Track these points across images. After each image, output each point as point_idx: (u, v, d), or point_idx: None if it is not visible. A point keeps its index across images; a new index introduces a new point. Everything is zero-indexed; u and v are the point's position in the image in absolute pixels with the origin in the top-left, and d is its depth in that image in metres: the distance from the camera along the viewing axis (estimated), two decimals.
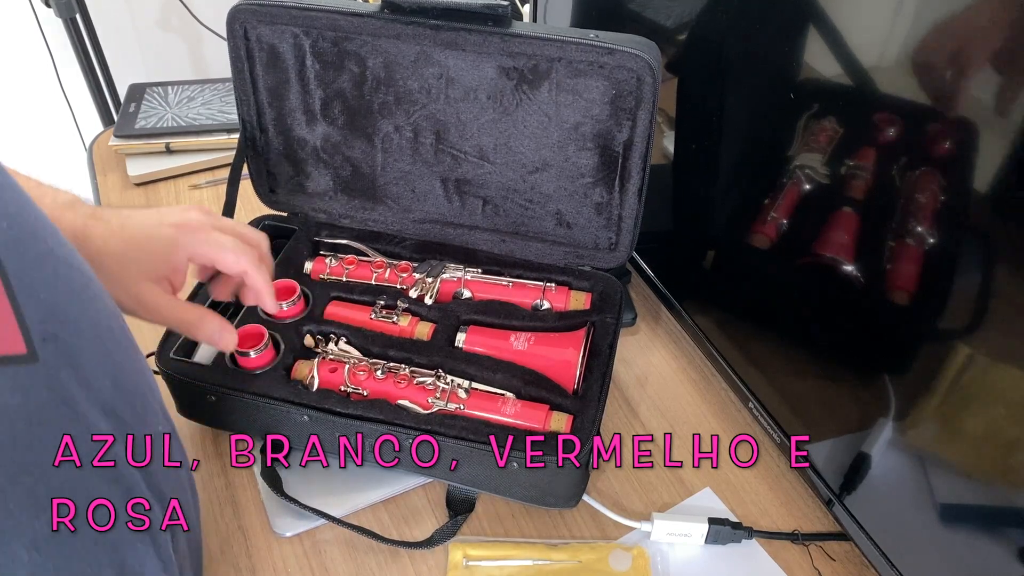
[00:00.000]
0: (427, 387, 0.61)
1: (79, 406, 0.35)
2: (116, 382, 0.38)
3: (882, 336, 0.54)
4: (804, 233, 0.58)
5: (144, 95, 1.05)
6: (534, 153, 0.68)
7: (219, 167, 0.99)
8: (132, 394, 0.40)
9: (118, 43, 1.66)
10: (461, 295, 0.70)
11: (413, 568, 0.60)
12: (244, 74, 0.69)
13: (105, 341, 0.38)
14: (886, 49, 0.48)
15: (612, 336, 0.66)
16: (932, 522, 0.52)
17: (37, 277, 0.33)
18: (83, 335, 0.36)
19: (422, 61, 0.65)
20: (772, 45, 0.57)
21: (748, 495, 0.66)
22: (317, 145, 0.73)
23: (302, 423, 0.60)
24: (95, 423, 0.36)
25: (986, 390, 0.46)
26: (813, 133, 0.55)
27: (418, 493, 0.65)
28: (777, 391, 0.65)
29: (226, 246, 0.57)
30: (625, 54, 0.60)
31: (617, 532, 0.62)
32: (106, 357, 0.38)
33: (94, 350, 0.37)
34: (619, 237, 0.70)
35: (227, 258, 0.58)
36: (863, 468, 0.57)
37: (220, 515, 0.63)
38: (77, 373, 0.35)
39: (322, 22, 0.65)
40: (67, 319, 0.35)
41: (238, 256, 0.58)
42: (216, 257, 0.58)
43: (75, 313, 0.36)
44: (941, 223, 0.47)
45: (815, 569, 0.61)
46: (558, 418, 0.60)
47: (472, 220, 0.74)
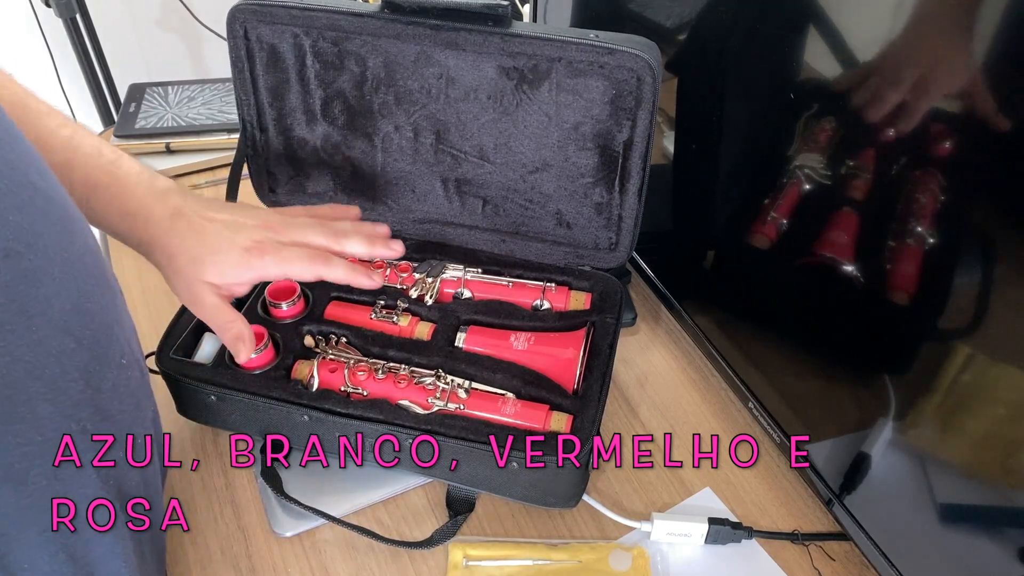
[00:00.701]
0: (427, 387, 0.61)
1: (33, 320, 0.36)
2: (78, 307, 0.40)
3: (882, 336, 0.54)
4: (804, 233, 0.58)
5: (144, 95, 1.05)
6: (534, 153, 0.68)
7: (219, 167, 0.99)
8: (94, 320, 0.41)
9: (118, 43, 1.66)
10: (461, 295, 0.70)
11: (413, 568, 0.60)
12: (244, 74, 0.69)
13: (74, 270, 0.40)
14: (886, 49, 0.48)
15: (612, 336, 0.66)
16: (932, 522, 0.52)
17: (9, 202, 0.35)
18: (51, 259, 0.38)
19: (422, 61, 0.65)
20: (772, 45, 0.57)
21: (748, 495, 0.66)
22: (317, 145, 0.73)
23: (302, 423, 0.60)
24: (49, 338, 0.37)
25: (986, 390, 0.46)
26: (813, 133, 0.55)
27: (418, 493, 0.65)
28: (777, 391, 0.65)
29: (294, 262, 0.60)
30: (625, 54, 0.60)
31: (617, 532, 0.62)
32: (71, 283, 0.39)
33: (58, 274, 0.38)
34: (619, 237, 0.70)
35: (297, 272, 0.60)
36: (863, 468, 0.57)
37: (220, 515, 0.63)
38: (36, 290, 0.36)
39: (322, 22, 0.65)
40: (33, 242, 0.37)
41: (306, 267, 0.60)
42: (286, 274, 0.61)
43: (46, 239, 0.38)
44: (941, 223, 0.47)
45: (815, 569, 0.61)
46: (558, 418, 0.60)
47: (472, 220, 0.74)
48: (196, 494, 0.64)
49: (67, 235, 0.40)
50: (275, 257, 0.59)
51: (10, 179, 0.36)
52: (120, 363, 0.44)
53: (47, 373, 0.37)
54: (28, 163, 0.38)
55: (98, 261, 0.43)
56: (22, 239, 0.36)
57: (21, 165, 0.37)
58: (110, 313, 0.44)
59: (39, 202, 0.38)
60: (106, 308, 0.43)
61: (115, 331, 0.44)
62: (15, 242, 0.35)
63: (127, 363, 0.45)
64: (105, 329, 0.43)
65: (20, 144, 0.38)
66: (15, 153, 0.37)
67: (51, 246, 0.38)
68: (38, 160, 0.40)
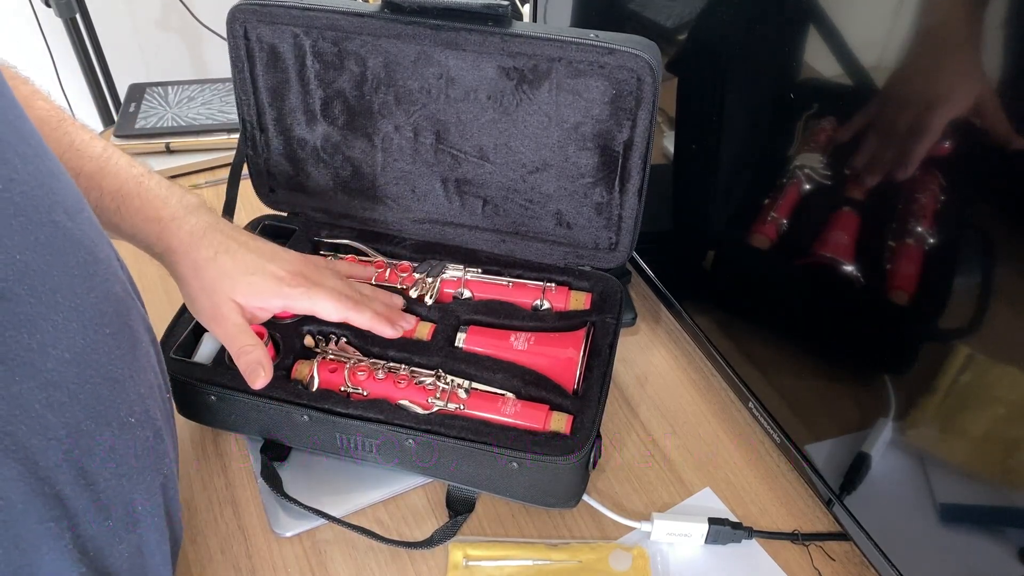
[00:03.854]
0: (427, 387, 0.61)
1: (16, 369, 0.34)
2: (80, 358, 0.37)
3: (882, 336, 0.54)
4: (804, 233, 0.58)
5: (144, 95, 1.05)
6: (534, 153, 0.68)
7: (219, 167, 0.99)
8: (98, 373, 0.39)
9: (118, 43, 1.66)
10: (461, 295, 0.70)
11: (413, 568, 0.60)
12: (244, 74, 0.69)
13: (84, 318, 0.38)
14: (886, 49, 0.48)
15: (612, 336, 0.66)
16: (932, 522, 0.52)
17: (21, 240, 0.34)
18: (54, 305, 0.36)
19: (422, 61, 0.65)
20: (772, 45, 0.57)
21: (748, 495, 0.66)
22: (317, 145, 0.73)
23: (302, 423, 0.60)
24: (32, 390, 0.35)
25: (986, 390, 0.46)
26: (813, 133, 0.55)
27: (418, 493, 0.65)
28: (777, 391, 0.65)
29: (324, 299, 0.61)
30: (625, 54, 0.60)
31: (617, 532, 0.62)
32: (75, 332, 0.37)
33: (61, 321, 0.36)
34: (619, 237, 0.70)
35: (324, 310, 0.61)
36: (863, 468, 0.57)
37: (220, 515, 0.63)
38: (29, 337, 0.34)
39: (322, 22, 0.65)
40: (38, 285, 0.35)
41: (335, 306, 0.61)
42: (313, 309, 0.61)
43: (55, 283, 0.36)
44: (941, 223, 0.47)
45: (815, 569, 0.61)
46: (558, 418, 0.60)
47: (472, 220, 0.74)
48: (196, 494, 0.64)
49: (85, 279, 0.38)
50: (307, 290, 0.60)
51: (29, 217, 0.35)
52: (126, 422, 0.41)
53: (21, 430, 0.34)
54: (55, 202, 0.37)
55: (120, 309, 0.42)
56: (25, 281, 0.34)
57: (45, 205, 0.36)
58: (123, 366, 0.41)
59: (58, 243, 0.37)
60: (118, 361, 0.41)
61: (126, 386, 0.41)
62: (16, 283, 0.34)
63: (136, 422, 0.42)
64: (112, 384, 0.40)
65: (54, 182, 0.37)
66: (44, 190, 0.36)
67: (60, 290, 0.36)
68: (71, 200, 0.38)
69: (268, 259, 0.60)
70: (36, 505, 0.36)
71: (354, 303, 0.62)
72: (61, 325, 0.36)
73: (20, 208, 0.34)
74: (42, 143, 0.38)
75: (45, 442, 0.36)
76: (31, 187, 0.35)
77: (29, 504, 0.36)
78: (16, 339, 0.34)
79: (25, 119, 0.37)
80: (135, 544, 0.43)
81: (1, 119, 0.35)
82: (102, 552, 0.40)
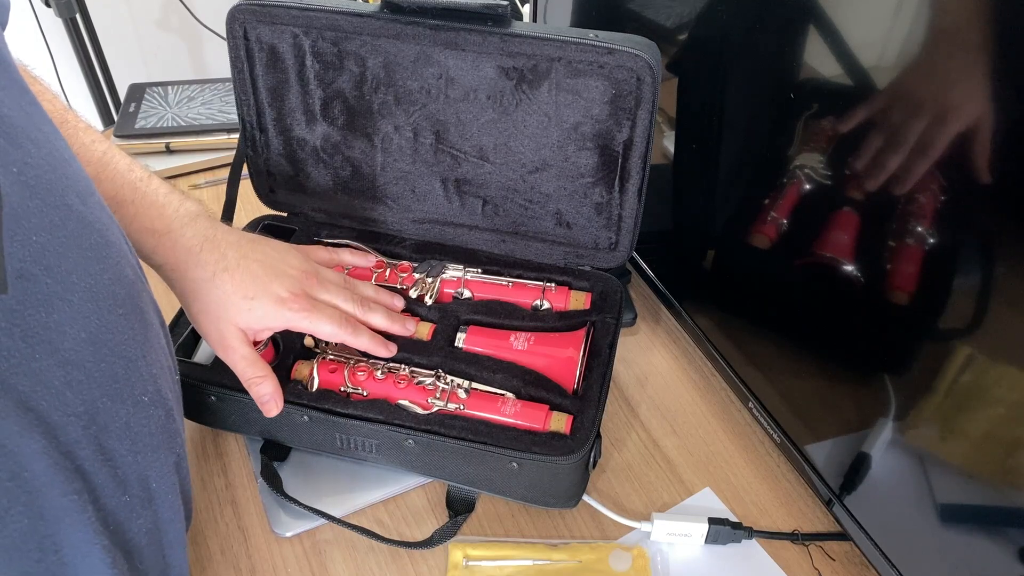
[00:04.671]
0: (427, 387, 0.61)
1: (36, 347, 0.35)
2: (95, 338, 0.38)
3: (882, 336, 0.54)
4: (804, 233, 0.58)
5: (144, 95, 1.05)
6: (534, 153, 0.68)
7: (219, 167, 0.99)
8: (113, 353, 0.40)
9: (118, 43, 1.66)
10: (461, 295, 0.70)
11: (413, 568, 0.60)
12: (244, 74, 0.69)
13: (98, 298, 0.38)
14: (886, 49, 0.48)
15: (612, 336, 0.66)
16: (932, 522, 0.52)
17: (36, 222, 0.35)
18: (71, 285, 0.36)
19: (422, 61, 0.65)
20: (772, 45, 0.57)
21: (748, 495, 0.66)
22: (317, 145, 0.73)
23: (302, 423, 0.60)
24: (51, 367, 0.36)
25: (986, 390, 0.46)
26: (813, 133, 0.55)
27: (418, 493, 0.65)
28: (777, 391, 0.65)
29: (324, 323, 0.60)
30: (625, 54, 0.60)
31: (617, 532, 0.62)
32: (91, 312, 0.38)
33: (77, 301, 0.37)
34: (619, 237, 0.70)
35: (324, 332, 0.60)
36: (863, 468, 0.57)
37: (220, 515, 0.63)
38: (47, 316, 0.35)
39: (322, 22, 0.65)
40: (54, 265, 0.35)
41: (334, 330, 0.60)
42: (314, 331, 0.60)
43: (70, 264, 0.37)
44: (941, 223, 0.47)
45: (815, 569, 0.61)
46: (558, 418, 0.60)
47: (472, 220, 0.74)
48: (196, 494, 0.64)
49: (98, 261, 0.39)
50: (308, 314, 0.59)
51: (44, 200, 0.35)
52: (140, 400, 0.42)
53: (42, 405, 0.35)
54: (67, 186, 0.37)
55: (132, 291, 0.42)
56: (41, 261, 0.35)
57: (59, 188, 0.37)
58: (136, 347, 0.42)
59: (71, 225, 0.37)
60: (131, 341, 0.41)
61: (139, 366, 0.42)
62: (33, 264, 0.34)
63: (149, 401, 0.43)
64: (126, 363, 0.41)
65: (66, 167, 0.38)
66: (57, 174, 0.37)
67: (75, 271, 0.37)
68: (82, 184, 0.39)
69: (270, 276, 0.58)
70: (59, 478, 0.37)
71: (352, 328, 0.61)
72: (77, 305, 0.37)
73: (35, 191, 0.35)
74: (54, 129, 0.39)
75: (65, 418, 0.37)
76: (44, 171, 0.36)
77: (53, 477, 0.36)
78: (35, 317, 0.34)
79: (37, 105, 0.38)
80: (152, 519, 0.44)
81: (14, 106, 0.36)
82: (122, 526, 0.41)
